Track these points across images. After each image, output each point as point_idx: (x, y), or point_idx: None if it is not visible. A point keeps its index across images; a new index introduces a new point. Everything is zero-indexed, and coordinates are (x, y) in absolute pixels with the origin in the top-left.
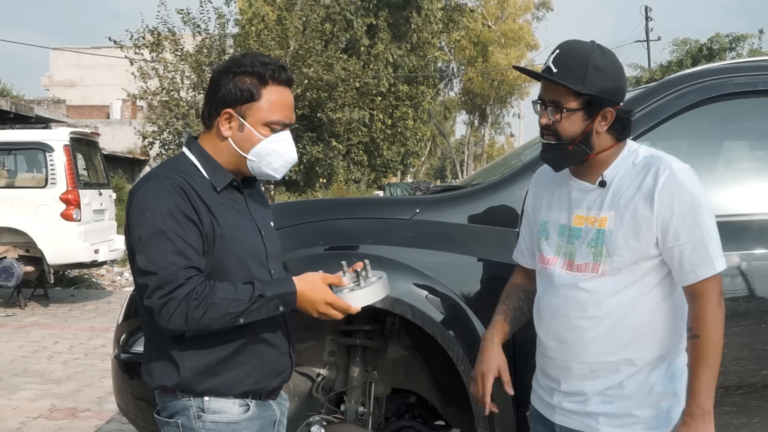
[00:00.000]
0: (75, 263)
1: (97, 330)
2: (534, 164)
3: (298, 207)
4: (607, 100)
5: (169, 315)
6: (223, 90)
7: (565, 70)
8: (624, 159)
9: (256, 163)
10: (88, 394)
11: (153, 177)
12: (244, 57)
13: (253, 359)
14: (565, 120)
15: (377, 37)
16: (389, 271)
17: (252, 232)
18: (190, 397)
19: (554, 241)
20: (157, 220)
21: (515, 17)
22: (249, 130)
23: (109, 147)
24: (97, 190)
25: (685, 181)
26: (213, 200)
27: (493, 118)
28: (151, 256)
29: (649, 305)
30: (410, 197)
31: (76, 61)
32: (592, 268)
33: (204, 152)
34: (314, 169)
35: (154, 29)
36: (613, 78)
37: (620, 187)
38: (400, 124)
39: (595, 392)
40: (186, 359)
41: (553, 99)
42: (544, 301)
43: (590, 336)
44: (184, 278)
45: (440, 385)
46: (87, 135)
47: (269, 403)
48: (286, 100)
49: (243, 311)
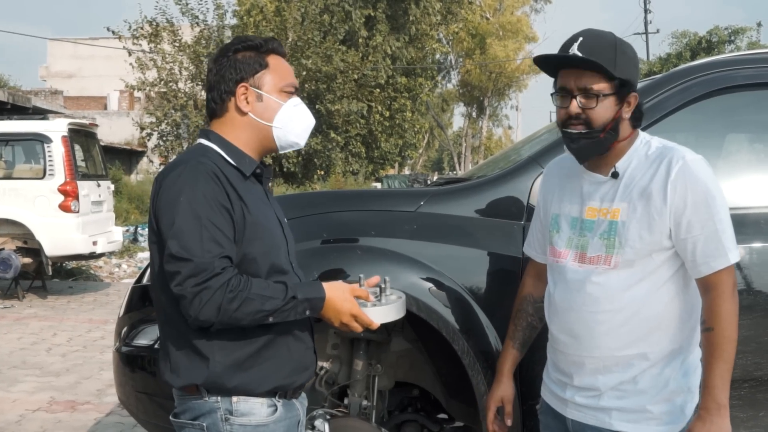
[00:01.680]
0: (73, 255)
1: (95, 322)
2: (539, 156)
3: (302, 199)
4: (633, 85)
5: (201, 305)
6: (230, 69)
7: (597, 55)
8: (637, 150)
9: (282, 130)
10: (87, 386)
11: (183, 162)
12: (235, 39)
13: (281, 353)
14: (600, 106)
15: (375, 28)
16: (393, 264)
17: (275, 222)
18: (218, 398)
19: (566, 234)
20: (192, 206)
21: (513, 9)
22: (267, 98)
23: (106, 138)
24: (95, 181)
25: (699, 172)
26: (242, 188)
27: (491, 111)
28: (185, 243)
29: (662, 299)
30: (415, 189)
31: (73, 51)
32: (605, 260)
33: (225, 140)
34: (312, 160)
35: (153, 20)
36: (636, 64)
37: (633, 178)
38: (398, 116)
39: (609, 387)
40: (216, 353)
41: (583, 86)
42: (556, 295)
43: (603, 330)
44: (220, 268)
45: (444, 378)
46: (85, 126)
47: (294, 403)
48: (288, 66)
49: (276, 310)
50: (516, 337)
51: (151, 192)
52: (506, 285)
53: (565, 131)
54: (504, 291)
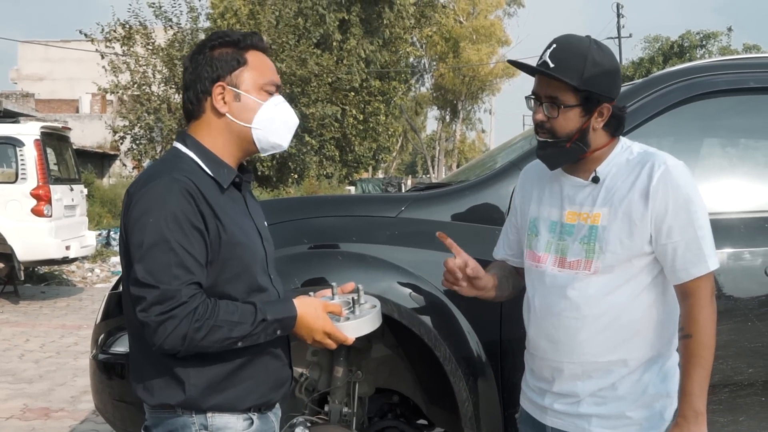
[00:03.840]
0: (46, 259)
1: (68, 328)
2: (520, 161)
3: (281, 204)
4: (605, 96)
5: (166, 334)
6: (206, 67)
7: (563, 65)
8: (617, 155)
9: (262, 131)
10: (61, 393)
11: (156, 176)
12: (213, 34)
13: (258, 372)
14: (562, 116)
15: (349, 32)
16: (374, 270)
17: (254, 235)
18: (192, 413)
19: (544, 238)
20: (161, 227)
21: (486, 13)
22: (246, 97)
23: (78, 142)
24: (68, 185)
25: (680, 178)
26: (218, 202)
27: (465, 114)
28: (151, 268)
29: (642, 304)
30: (396, 195)
31: (44, 54)
32: (585, 265)
33: (202, 147)
34: (287, 164)
35: (126, 22)
36: (610, 74)
37: (614, 184)
38: (371, 119)
39: (588, 393)
40: (191, 376)
41: (549, 94)
42: (535, 300)
43: (583, 336)
44: (187, 296)
45: (424, 384)
46: (58, 129)
47: (268, 415)
48: (270, 62)
49: (245, 336)
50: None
51: (123, 203)
52: None
53: (537, 138)
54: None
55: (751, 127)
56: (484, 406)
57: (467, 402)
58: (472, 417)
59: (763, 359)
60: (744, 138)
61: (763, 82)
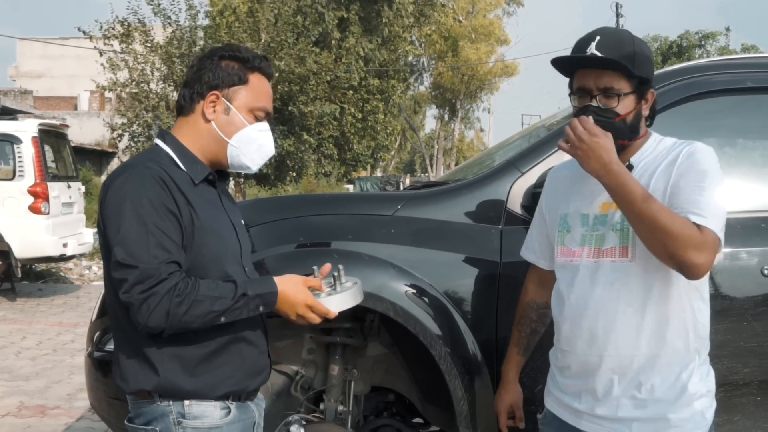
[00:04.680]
0: (43, 257)
1: (65, 325)
2: (517, 160)
3: (276, 203)
4: (650, 82)
5: (149, 311)
6: (209, 73)
7: (616, 54)
8: (651, 146)
9: (237, 150)
10: (57, 391)
11: (130, 167)
12: (226, 45)
13: (233, 359)
14: (621, 105)
15: (348, 30)
16: (370, 268)
17: (228, 227)
18: (170, 401)
19: (578, 232)
20: (138, 212)
21: (485, 12)
22: (234, 114)
23: (76, 139)
24: (65, 182)
25: (703, 155)
26: (192, 193)
27: (463, 113)
28: (131, 249)
29: (679, 298)
30: (392, 193)
31: (43, 51)
32: (621, 252)
33: (180, 144)
34: (285, 162)
35: (124, 20)
36: (651, 61)
37: (645, 170)
38: (370, 118)
39: (625, 393)
40: (165, 360)
41: (603, 86)
42: (571, 295)
43: (620, 328)
44: (167, 273)
45: (420, 383)
46: (56, 127)
47: (248, 405)
48: (269, 89)
49: (226, 310)
50: (521, 343)
51: (99, 196)
52: (484, 289)
53: None
54: (481, 295)
55: (749, 127)
56: (480, 404)
57: (463, 401)
58: (468, 416)
59: (758, 359)
60: (741, 138)
61: (761, 81)
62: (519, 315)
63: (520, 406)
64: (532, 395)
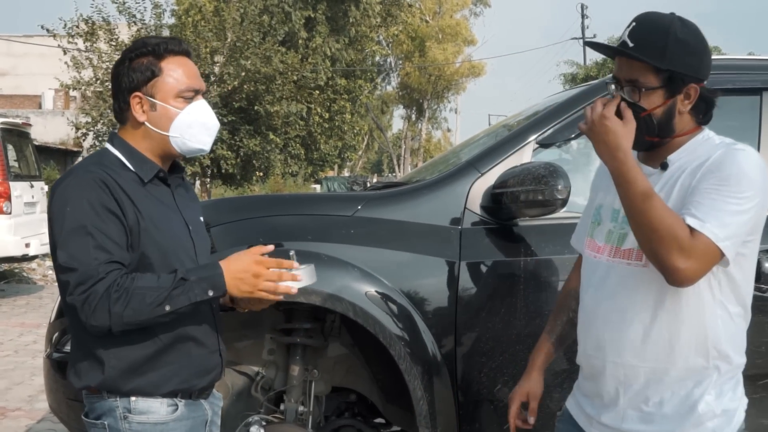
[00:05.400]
0: (5, 257)
1: (27, 326)
2: (477, 161)
3: (237, 202)
4: (691, 76)
5: (91, 310)
6: (125, 78)
7: (643, 44)
8: (695, 144)
9: (180, 138)
10: (18, 392)
11: (74, 172)
12: (134, 43)
13: (180, 358)
14: (644, 101)
15: (315, 30)
16: (330, 269)
17: (179, 225)
18: (116, 397)
19: (606, 227)
20: (77, 215)
21: (452, 12)
22: (161, 106)
23: (41, 138)
24: (28, 182)
25: (737, 158)
26: (137, 193)
27: (430, 113)
28: (72, 252)
29: (696, 312)
30: (352, 193)
31: (6, 49)
32: (636, 255)
33: (127, 145)
34: (251, 162)
35: (89, 18)
36: (697, 51)
37: (678, 170)
38: (337, 117)
39: (631, 404)
40: (111, 358)
41: (629, 77)
42: (587, 294)
43: (630, 335)
44: (105, 272)
45: (381, 383)
46: (18, 125)
47: (200, 403)
48: (189, 68)
49: (165, 297)
50: (554, 332)
51: (47, 201)
52: (443, 289)
53: None
54: (441, 295)
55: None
56: (439, 404)
57: (422, 400)
58: (427, 415)
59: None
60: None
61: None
62: (559, 303)
63: (537, 397)
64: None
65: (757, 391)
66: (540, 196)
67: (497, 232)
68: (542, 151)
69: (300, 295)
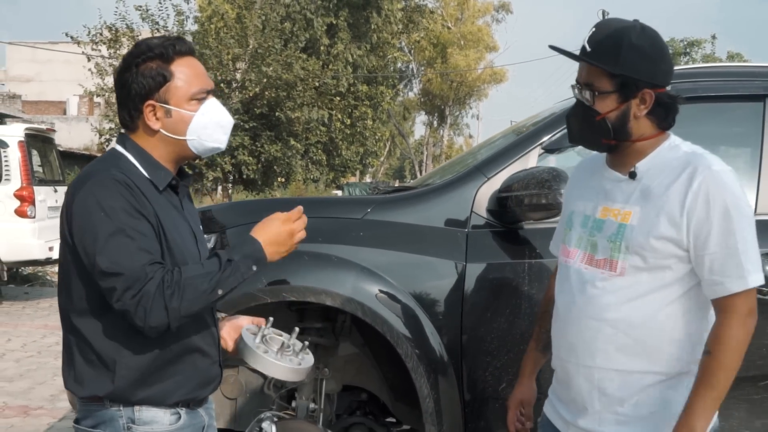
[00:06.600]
0: (29, 260)
1: (50, 328)
2: (483, 165)
3: (252, 206)
4: (645, 82)
5: (146, 312)
6: (134, 86)
7: (599, 49)
8: (662, 152)
9: (197, 140)
10: (40, 392)
11: (94, 174)
12: (137, 47)
13: (186, 369)
14: (598, 103)
15: (337, 36)
16: (340, 270)
17: (189, 236)
18: (120, 406)
19: (577, 232)
20: (113, 219)
21: (474, 19)
22: (177, 111)
23: (65, 143)
24: (52, 186)
25: (724, 184)
26: (156, 201)
27: (452, 119)
28: (114, 257)
29: (671, 316)
30: (361, 197)
31: (32, 56)
32: (610, 266)
33: (141, 150)
34: (272, 168)
35: (112, 25)
36: (652, 57)
37: (651, 182)
38: (359, 124)
39: (608, 409)
40: (122, 368)
41: (586, 81)
42: (559, 298)
43: (600, 340)
44: (152, 272)
45: (390, 382)
46: (42, 131)
47: (198, 411)
48: (198, 68)
49: (217, 281)
50: (540, 339)
51: (64, 201)
52: (450, 290)
53: None
54: (447, 296)
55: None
56: (445, 402)
57: (428, 398)
58: (434, 413)
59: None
60: (723, 144)
61: (710, 90)
62: (541, 310)
63: (530, 403)
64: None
65: (758, 392)
66: (543, 200)
67: (503, 235)
68: (548, 156)
69: (311, 296)
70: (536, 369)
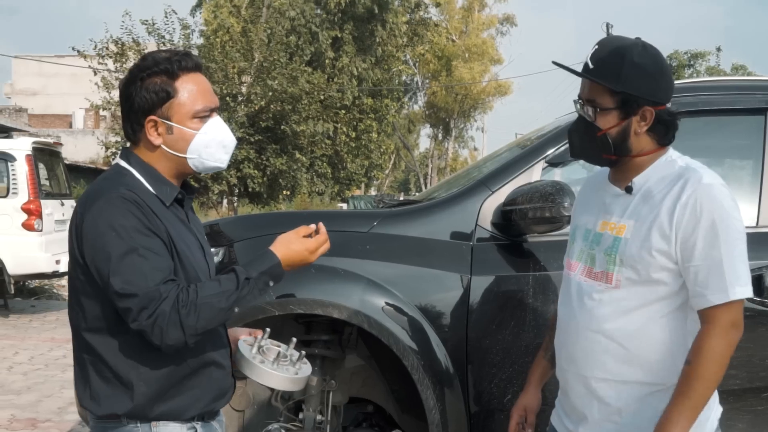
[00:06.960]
0: (36, 273)
1: (57, 341)
2: (488, 179)
3: (259, 219)
4: (645, 99)
5: (162, 332)
6: (137, 100)
7: (601, 66)
8: (659, 167)
9: (198, 159)
10: (48, 404)
11: (103, 193)
12: (143, 60)
13: (202, 382)
14: (600, 119)
15: (342, 50)
16: (346, 283)
17: (197, 249)
18: (137, 423)
19: (578, 246)
20: (125, 239)
21: (479, 32)
22: (178, 129)
23: (71, 157)
24: (59, 200)
25: (713, 198)
26: (165, 216)
27: (457, 132)
28: (127, 277)
29: (665, 329)
30: (368, 210)
31: (38, 69)
32: (606, 278)
33: (145, 164)
34: (278, 181)
35: (118, 39)
36: (653, 75)
37: (647, 196)
38: (364, 136)
39: (608, 419)
40: (140, 385)
41: (589, 97)
42: (561, 308)
43: (599, 351)
44: (166, 292)
45: (396, 393)
46: (50, 145)
47: (211, 424)
48: (203, 85)
49: (234, 301)
50: (549, 349)
51: (72, 219)
52: (455, 303)
53: None
54: (453, 308)
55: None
56: (451, 413)
57: (434, 410)
58: (440, 424)
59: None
60: (724, 157)
61: (710, 104)
62: (552, 321)
63: (534, 411)
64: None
65: (762, 403)
66: (547, 213)
67: (507, 248)
68: (551, 170)
69: (319, 309)
70: (543, 378)
